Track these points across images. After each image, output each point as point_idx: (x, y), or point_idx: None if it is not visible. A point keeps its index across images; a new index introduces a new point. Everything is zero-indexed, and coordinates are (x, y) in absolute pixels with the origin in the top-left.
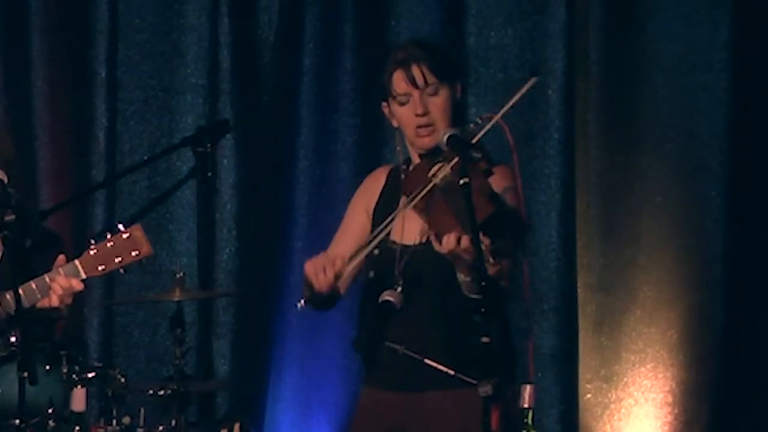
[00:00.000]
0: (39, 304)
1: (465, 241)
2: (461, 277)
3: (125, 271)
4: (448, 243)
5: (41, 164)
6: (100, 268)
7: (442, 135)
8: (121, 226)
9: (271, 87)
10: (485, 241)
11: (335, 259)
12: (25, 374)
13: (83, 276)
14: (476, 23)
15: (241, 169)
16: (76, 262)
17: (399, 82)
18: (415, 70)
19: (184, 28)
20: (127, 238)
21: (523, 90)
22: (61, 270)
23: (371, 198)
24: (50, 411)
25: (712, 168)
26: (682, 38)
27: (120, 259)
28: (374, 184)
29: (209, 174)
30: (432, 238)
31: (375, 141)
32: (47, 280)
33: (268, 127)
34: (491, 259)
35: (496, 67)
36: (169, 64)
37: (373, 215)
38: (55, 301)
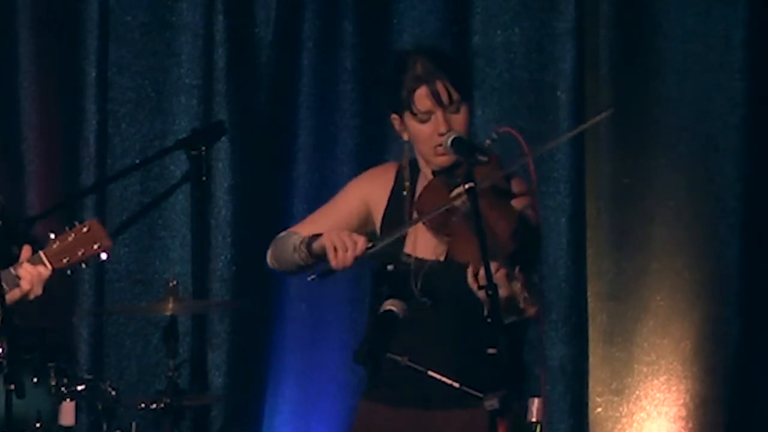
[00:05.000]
0: (8, 297)
1: (501, 273)
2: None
3: (87, 265)
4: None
5: (29, 168)
6: (65, 260)
7: (447, 137)
8: (76, 223)
9: (268, 87)
10: (520, 277)
11: (359, 242)
12: (12, 387)
13: (49, 267)
14: (482, 21)
15: (237, 173)
16: (41, 253)
17: (422, 99)
18: (440, 87)
19: (178, 27)
20: (87, 231)
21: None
22: (26, 260)
23: (377, 195)
24: (38, 425)
25: (728, 171)
26: (697, 37)
27: (83, 251)
28: (382, 180)
29: (204, 178)
30: (469, 275)
31: (376, 143)
32: (12, 271)
33: (265, 129)
34: (527, 296)
35: (503, 67)
36: (162, 64)
37: (383, 220)
38: (26, 287)
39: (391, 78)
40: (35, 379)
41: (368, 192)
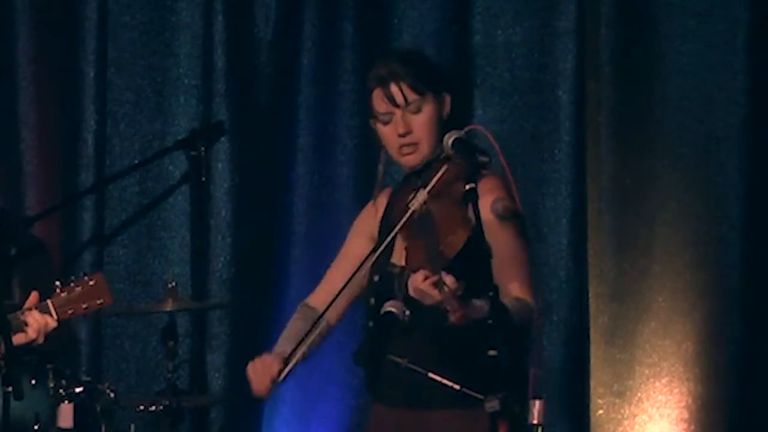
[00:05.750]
0: (14, 340)
1: (431, 280)
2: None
3: (86, 317)
4: (413, 283)
5: (27, 169)
6: (69, 311)
7: (447, 138)
8: (82, 274)
9: (267, 88)
10: (448, 281)
11: (273, 363)
12: (10, 389)
13: (55, 317)
14: (482, 21)
15: (237, 174)
16: (49, 302)
17: (378, 101)
18: (394, 89)
19: (177, 26)
20: (93, 284)
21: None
22: (34, 307)
23: (375, 223)
24: (36, 427)
25: (730, 172)
26: (699, 37)
27: (86, 305)
28: (376, 209)
29: (203, 179)
30: (409, 282)
31: (377, 144)
32: (21, 316)
33: (264, 129)
34: (456, 304)
35: (503, 66)
36: (161, 64)
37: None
38: (32, 335)
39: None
40: (33, 381)
41: (371, 225)
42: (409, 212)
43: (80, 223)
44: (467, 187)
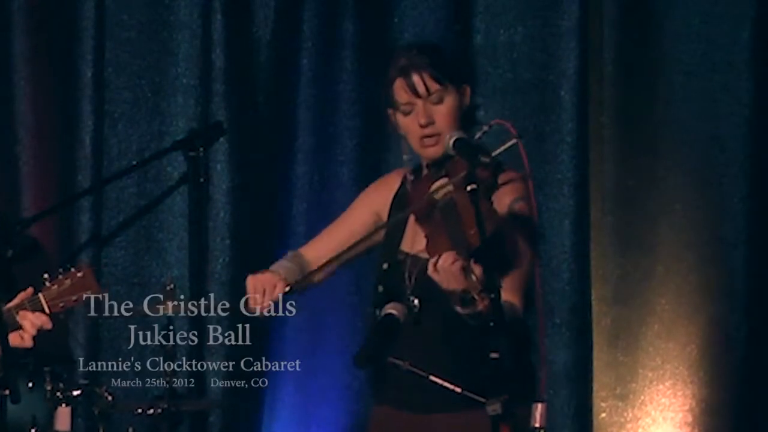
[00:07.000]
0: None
1: (458, 266)
2: (458, 309)
3: (73, 312)
4: (443, 263)
5: (24, 169)
6: (60, 304)
7: (448, 139)
8: (69, 267)
9: (267, 88)
10: (477, 270)
11: (276, 285)
12: (7, 392)
13: (47, 311)
14: (484, 20)
15: (236, 175)
16: (41, 295)
17: (400, 91)
18: (416, 79)
19: (175, 26)
20: (81, 277)
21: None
22: (27, 305)
23: (383, 202)
24: (33, 431)
25: (734, 173)
26: (702, 37)
27: (75, 298)
28: (388, 187)
29: (202, 180)
30: (429, 264)
31: (377, 144)
32: (15, 316)
33: (264, 130)
34: (481, 290)
35: (505, 66)
36: (159, 64)
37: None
38: (28, 341)
39: (384, 67)
40: (30, 384)
41: (378, 202)
42: (427, 199)
43: (77, 225)
44: (468, 188)
